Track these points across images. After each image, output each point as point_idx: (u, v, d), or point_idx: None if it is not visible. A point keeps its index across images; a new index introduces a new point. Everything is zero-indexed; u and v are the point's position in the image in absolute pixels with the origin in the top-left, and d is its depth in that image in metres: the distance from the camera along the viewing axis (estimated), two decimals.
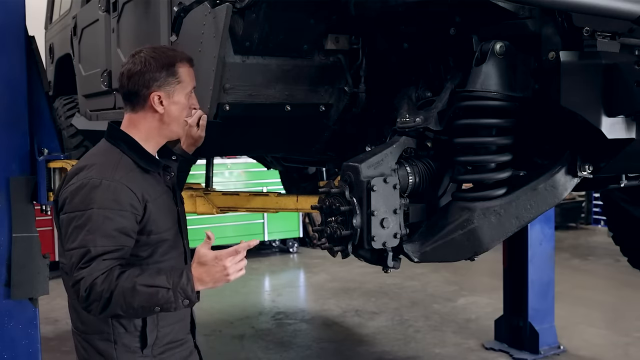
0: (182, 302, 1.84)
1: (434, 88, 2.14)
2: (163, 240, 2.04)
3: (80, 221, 1.88)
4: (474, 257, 1.89)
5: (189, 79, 2.08)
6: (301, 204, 3.59)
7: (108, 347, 2.02)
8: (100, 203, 1.89)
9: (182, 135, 2.19)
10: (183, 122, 2.10)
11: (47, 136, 3.78)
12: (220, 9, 2.19)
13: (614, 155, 1.79)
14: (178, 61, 2.05)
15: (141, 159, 2.04)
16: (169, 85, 2.03)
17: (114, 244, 1.88)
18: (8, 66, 3.51)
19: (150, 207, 1.98)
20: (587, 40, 1.68)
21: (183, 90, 2.06)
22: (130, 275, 1.84)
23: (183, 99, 2.07)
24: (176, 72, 2.04)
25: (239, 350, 5.46)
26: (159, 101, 2.03)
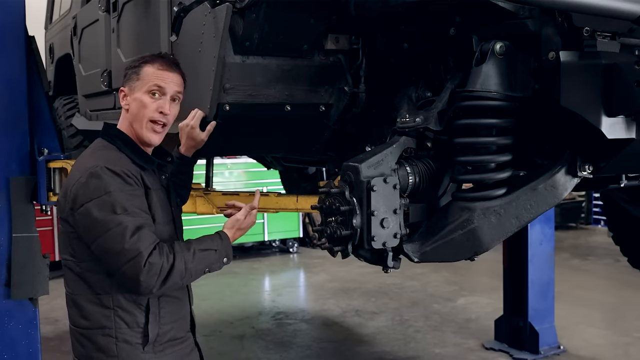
0: (223, 261, 2.07)
1: (434, 88, 2.14)
2: (160, 231, 2.04)
3: (104, 206, 1.91)
4: (474, 257, 1.89)
5: (152, 77, 2.07)
6: (301, 204, 3.60)
7: (109, 343, 2.01)
8: (115, 186, 1.93)
9: (149, 139, 2.10)
10: (146, 124, 2.08)
11: (47, 136, 3.78)
12: (220, 9, 2.19)
13: (614, 155, 1.78)
14: (146, 61, 2.10)
15: (135, 156, 2.07)
16: (131, 80, 2.10)
17: (143, 218, 1.94)
18: (8, 66, 3.51)
19: (151, 195, 2.04)
20: (587, 40, 1.68)
21: (141, 88, 2.07)
22: (181, 245, 1.97)
23: (142, 97, 2.07)
24: (139, 70, 2.09)
25: (239, 350, 5.46)
26: (123, 95, 2.11)
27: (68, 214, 1.99)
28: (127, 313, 2.01)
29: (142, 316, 2.02)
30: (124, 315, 2.01)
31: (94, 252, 1.95)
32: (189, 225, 2.33)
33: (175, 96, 2.12)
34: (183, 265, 1.94)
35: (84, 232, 1.96)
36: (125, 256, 1.88)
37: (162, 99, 2.08)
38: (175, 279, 1.94)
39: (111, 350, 2.01)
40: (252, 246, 9.64)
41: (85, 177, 1.95)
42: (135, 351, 2.02)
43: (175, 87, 2.11)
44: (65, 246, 2.05)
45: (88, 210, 1.92)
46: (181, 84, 2.14)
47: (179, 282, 1.98)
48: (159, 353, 2.06)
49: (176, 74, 2.12)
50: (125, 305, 2.00)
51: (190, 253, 1.97)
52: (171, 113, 2.11)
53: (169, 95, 2.09)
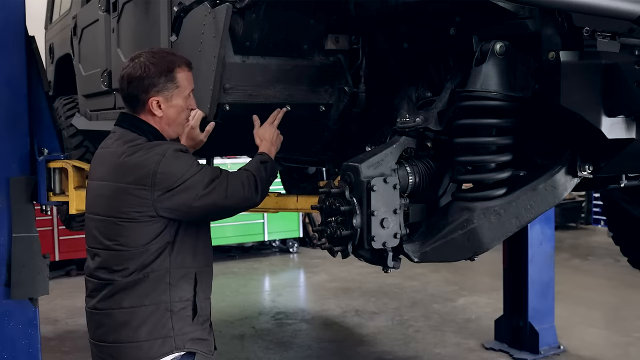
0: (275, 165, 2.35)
1: (434, 88, 2.14)
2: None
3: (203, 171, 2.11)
4: (474, 257, 1.89)
5: (186, 82, 2.18)
6: (301, 204, 3.59)
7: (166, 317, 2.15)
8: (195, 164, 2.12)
9: (180, 134, 2.31)
10: (182, 122, 2.24)
11: (47, 136, 3.78)
12: (220, 9, 2.19)
13: (614, 155, 1.78)
14: (177, 66, 2.15)
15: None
16: (168, 90, 2.15)
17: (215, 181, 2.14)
18: (8, 66, 3.51)
19: None
20: (587, 40, 1.68)
21: (181, 94, 2.17)
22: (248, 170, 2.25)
23: (181, 102, 2.18)
24: (175, 78, 2.15)
25: (239, 350, 5.46)
26: (157, 105, 2.15)
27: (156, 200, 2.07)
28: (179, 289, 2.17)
29: (190, 293, 2.19)
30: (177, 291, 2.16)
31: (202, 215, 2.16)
32: None
33: None
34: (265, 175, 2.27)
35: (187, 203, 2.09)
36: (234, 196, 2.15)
37: (191, 98, 2.23)
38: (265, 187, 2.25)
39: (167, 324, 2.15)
40: (252, 246, 9.64)
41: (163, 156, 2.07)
42: (186, 323, 2.18)
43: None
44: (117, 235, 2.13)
45: (194, 182, 2.08)
46: None
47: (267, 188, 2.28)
48: (201, 325, 2.24)
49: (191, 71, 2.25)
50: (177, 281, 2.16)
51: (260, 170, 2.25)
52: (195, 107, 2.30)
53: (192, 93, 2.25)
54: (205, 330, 2.27)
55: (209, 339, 2.29)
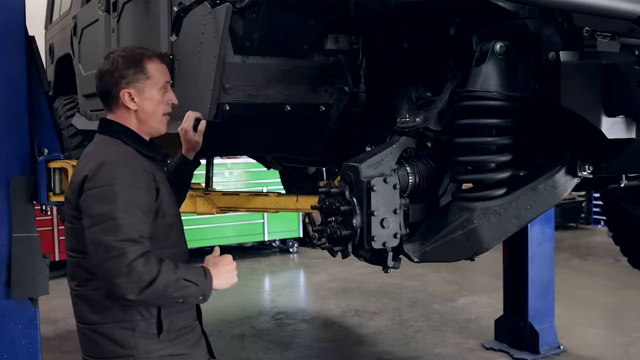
0: (199, 298, 2.02)
1: (434, 88, 2.14)
2: (173, 224, 2.12)
3: (107, 196, 1.91)
4: (474, 257, 1.89)
5: (159, 74, 2.11)
6: (301, 204, 3.59)
7: (126, 335, 2.02)
8: (124, 179, 1.94)
9: (163, 130, 2.18)
10: (161, 118, 2.14)
11: (47, 136, 3.78)
12: (220, 9, 2.19)
13: (614, 155, 1.78)
14: (146, 57, 2.10)
15: (143, 147, 2.10)
16: (138, 81, 2.08)
17: (139, 218, 1.93)
18: (8, 66, 3.51)
19: (161, 188, 2.06)
20: (587, 40, 1.67)
21: (154, 86, 2.09)
22: (169, 266, 1.91)
23: (155, 94, 2.10)
24: (144, 68, 2.08)
25: (239, 350, 5.46)
26: (130, 98, 2.08)
27: (77, 203, 2.00)
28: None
29: (155, 307, 2.04)
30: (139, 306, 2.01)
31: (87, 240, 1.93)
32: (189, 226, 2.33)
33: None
34: (163, 285, 1.87)
35: (84, 218, 1.95)
36: (110, 252, 1.85)
37: (169, 91, 2.14)
38: (150, 296, 1.88)
39: (129, 342, 2.02)
40: (252, 246, 9.64)
41: (96, 163, 1.97)
42: (151, 341, 2.04)
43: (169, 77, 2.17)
44: (74, 242, 2.05)
45: (91, 197, 1.94)
46: None
47: (152, 300, 1.93)
48: (172, 342, 2.08)
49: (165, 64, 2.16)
50: None
51: (174, 278, 1.90)
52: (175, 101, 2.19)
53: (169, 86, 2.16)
54: (181, 345, 2.10)
55: (188, 353, 2.12)
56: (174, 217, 2.14)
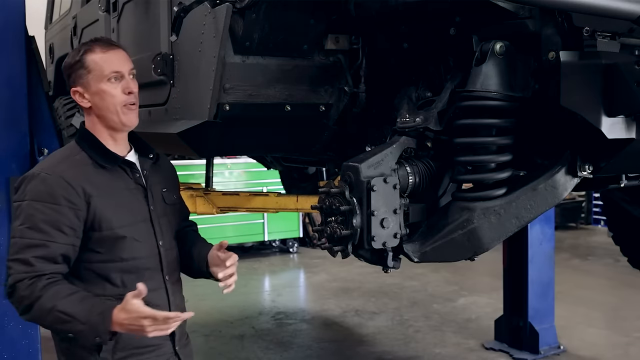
0: (94, 339, 1.82)
1: (434, 88, 2.14)
2: (120, 237, 1.95)
3: (16, 212, 1.90)
4: (474, 257, 1.89)
5: (101, 64, 1.97)
6: (301, 204, 3.60)
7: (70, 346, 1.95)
8: (33, 195, 1.88)
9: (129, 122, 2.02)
10: (121, 110, 1.99)
11: (47, 136, 3.78)
12: (220, 9, 2.19)
13: (614, 155, 1.78)
14: (86, 50, 1.99)
15: (97, 155, 1.99)
16: (81, 77, 1.98)
17: (42, 237, 1.85)
18: (8, 66, 3.51)
19: (97, 202, 1.93)
20: (587, 40, 1.68)
21: (98, 79, 1.97)
22: (55, 294, 1.81)
23: (103, 87, 1.97)
24: (83, 62, 1.98)
25: (239, 350, 5.46)
26: (81, 96, 2.00)
27: None
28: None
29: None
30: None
31: None
32: None
33: (131, 73, 2.02)
34: (39, 313, 1.81)
35: None
36: (7, 269, 1.86)
37: (122, 80, 1.99)
38: (35, 320, 1.87)
39: (70, 354, 1.95)
40: (252, 246, 9.64)
41: (21, 178, 1.95)
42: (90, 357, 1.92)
43: (127, 65, 2.01)
44: None
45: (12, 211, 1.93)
46: (129, 60, 2.04)
47: (42, 324, 1.89)
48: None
49: (121, 51, 2.02)
50: None
51: (48, 307, 1.79)
52: (135, 91, 2.02)
53: (126, 74, 2.00)
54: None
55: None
56: (123, 229, 1.96)
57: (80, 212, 1.91)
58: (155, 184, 2.11)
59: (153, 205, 2.08)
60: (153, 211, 2.07)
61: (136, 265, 1.99)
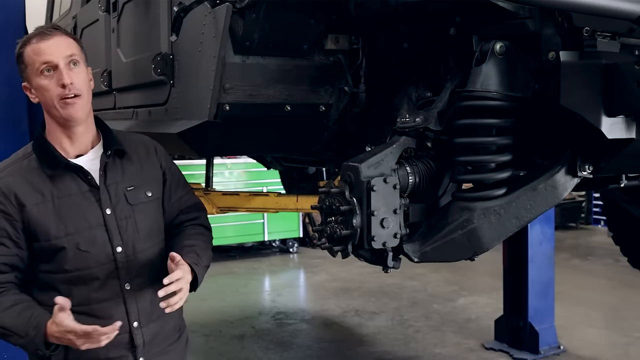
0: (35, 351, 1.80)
1: (434, 88, 2.14)
2: (59, 248, 1.87)
3: None
4: (474, 257, 1.89)
5: (33, 56, 1.87)
6: (301, 204, 3.60)
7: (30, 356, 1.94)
8: None
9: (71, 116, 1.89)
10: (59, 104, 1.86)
11: None
12: (220, 9, 2.19)
13: (614, 155, 1.78)
14: (24, 44, 1.90)
15: (41, 158, 1.91)
16: (23, 72, 1.92)
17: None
18: (8, 66, 3.51)
19: (32, 211, 1.86)
20: (587, 40, 1.68)
21: (33, 72, 1.88)
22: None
23: (40, 82, 1.87)
24: (22, 56, 1.90)
25: (239, 350, 5.46)
26: (28, 90, 1.93)
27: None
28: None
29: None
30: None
31: None
32: None
33: (70, 60, 1.87)
34: None
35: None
36: None
37: (57, 72, 1.85)
38: None
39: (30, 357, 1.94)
40: (252, 246, 9.64)
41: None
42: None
43: (62, 52, 1.86)
44: None
45: None
46: (69, 45, 1.89)
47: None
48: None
49: (56, 38, 1.88)
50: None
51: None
52: (75, 80, 1.86)
53: (62, 63, 1.86)
54: None
55: None
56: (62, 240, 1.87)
57: (16, 223, 1.85)
58: (117, 183, 1.97)
59: (111, 209, 1.94)
60: (110, 215, 1.93)
61: (81, 277, 1.89)
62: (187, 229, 2.12)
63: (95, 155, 1.97)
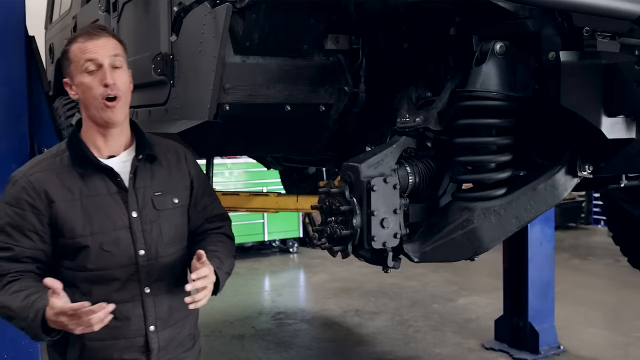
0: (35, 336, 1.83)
1: (434, 88, 2.14)
2: (82, 246, 1.88)
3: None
4: (474, 257, 1.90)
5: (79, 53, 1.90)
6: (301, 204, 3.60)
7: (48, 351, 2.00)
8: (6, 198, 1.90)
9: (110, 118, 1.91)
10: (99, 104, 1.89)
11: (47, 136, 3.78)
12: (220, 9, 2.19)
13: (614, 155, 1.79)
14: (72, 41, 1.93)
15: (73, 157, 1.94)
16: (66, 68, 1.95)
17: (6, 240, 1.86)
18: (8, 66, 3.51)
19: (61, 207, 1.88)
20: (587, 40, 1.68)
21: (77, 69, 1.90)
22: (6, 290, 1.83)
23: (83, 79, 1.90)
24: (68, 52, 1.93)
25: (239, 350, 5.46)
26: (69, 87, 1.97)
27: None
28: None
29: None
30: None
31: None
32: None
33: (114, 62, 1.90)
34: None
35: None
36: None
37: (100, 71, 1.88)
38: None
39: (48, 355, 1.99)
40: (252, 246, 9.63)
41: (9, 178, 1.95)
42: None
43: (108, 53, 1.89)
44: None
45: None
46: (114, 47, 1.92)
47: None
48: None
49: (103, 39, 1.91)
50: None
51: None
52: (118, 81, 1.90)
53: (106, 63, 1.89)
54: None
55: None
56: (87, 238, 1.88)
57: (43, 218, 1.88)
58: (146, 187, 1.98)
59: (137, 212, 1.95)
60: (135, 218, 1.95)
61: (102, 276, 1.91)
62: (211, 236, 2.12)
63: (127, 158, 1.99)
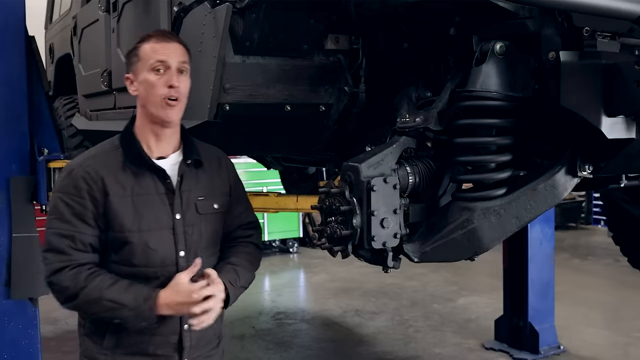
0: (139, 323, 1.92)
1: (434, 88, 2.14)
2: (128, 241, 1.95)
3: (51, 203, 1.98)
4: (474, 257, 1.89)
5: (150, 53, 1.98)
6: (301, 204, 3.59)
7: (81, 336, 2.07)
8: (62, 188, 1.95)
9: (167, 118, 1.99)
10: (160, 103, 1.97)
11: (47, 136, 3.79)
12: (220, 9, 2.19)
13: (614, 155, 1.79)
14: (144, 40, 2.01)
15: (127, 154, 2.00)
16: (133, 64, 2.02)
17: (69, 228, 1.91)
18: (8, 66, 3.52)
19: (114, 200, 1.94)
20: (587, 40, 1.68)
21: (144, 67, 1.98)
22: (100, 284, 1.88)
23: (148, 77, 1.97)
24: (137, 49, 2.01)
25: (239, 350, 5.46)
26: (130, 82, 2.04)
27: None
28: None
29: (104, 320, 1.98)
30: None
31: None
32: None
33: (181, 67, 2.00)
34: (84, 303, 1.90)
35: None
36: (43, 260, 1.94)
37: (167, 73, 1.97)
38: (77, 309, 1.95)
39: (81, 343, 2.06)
40: None
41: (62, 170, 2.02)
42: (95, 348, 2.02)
43: (178, 58, 1.99)
44: None
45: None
46: (183, 54, 2.02)
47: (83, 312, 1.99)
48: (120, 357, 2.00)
49: (175, 44, 2.01)
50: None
51: (95, 296, 1.87)
52: (181, 86, 1.99)
53: (174, 67, 1.98)
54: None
55: None
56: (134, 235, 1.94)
57: (100, 208, 1.94)
58: (190, 191, 2.05)
59: (181, 214, 2.02)
60: (179, 220, 2.01)
61: (145, 273, 1.97)
62: (239, 246, 2.18)
63: (175, 161, 2.06)
